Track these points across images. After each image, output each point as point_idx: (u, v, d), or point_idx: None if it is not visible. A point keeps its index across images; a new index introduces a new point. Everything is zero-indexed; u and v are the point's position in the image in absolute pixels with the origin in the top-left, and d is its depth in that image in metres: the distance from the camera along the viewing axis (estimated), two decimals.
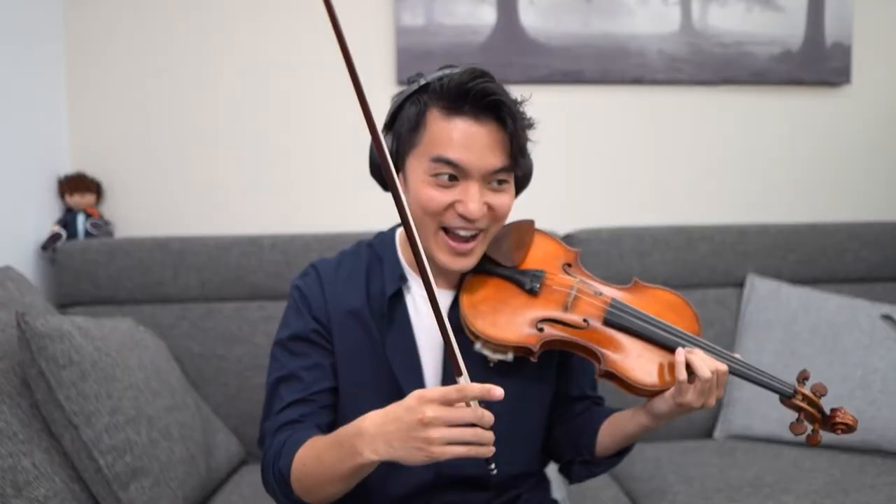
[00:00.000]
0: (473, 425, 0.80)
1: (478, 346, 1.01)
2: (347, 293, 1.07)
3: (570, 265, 1.09)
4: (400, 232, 1.11)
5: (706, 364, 0.93)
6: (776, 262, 1.93)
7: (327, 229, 1.88)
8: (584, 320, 1.02)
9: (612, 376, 0.99)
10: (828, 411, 1.02)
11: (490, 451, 0.82)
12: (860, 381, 1.66)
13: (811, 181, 2.13)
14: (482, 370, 1.03)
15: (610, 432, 1.05)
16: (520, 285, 1.04)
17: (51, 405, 1.14)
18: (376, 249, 1.11)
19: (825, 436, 1.04)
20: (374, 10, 1.96)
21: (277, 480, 0.96)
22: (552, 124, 2.03)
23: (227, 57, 1.94)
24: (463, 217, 0.96)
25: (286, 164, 1.97)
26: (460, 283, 1.06)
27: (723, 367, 0.95)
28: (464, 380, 0.83)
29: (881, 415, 1.62)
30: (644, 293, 1.08)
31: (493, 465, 0.85)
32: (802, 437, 1.03)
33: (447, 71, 0.99)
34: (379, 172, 1.02)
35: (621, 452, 1.08)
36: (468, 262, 1.01)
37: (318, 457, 0.91)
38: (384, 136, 1.01)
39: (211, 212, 1.97)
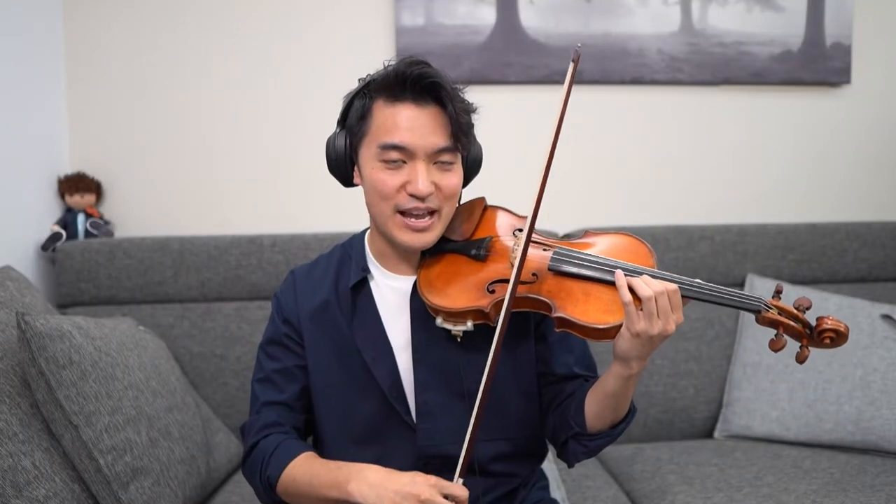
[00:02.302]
0: None
1: (439, 320, 1.04)
2: (317, 291, 1.15)
3: (520, 230, 1.10)
4: (369, 233, 1.16)
5: (649, 285, 0.92)
6: (776, 262, 1.93)
7: (327, 229, 1.88)
8: (533, 274, 1.03)
9: (567, 322, 0.97)
10: (813, 322, 0.96)
11: None
12: (860, 381, 1.66)
13: (811, 181, 2.13)
14: (449, 346, 1.07)
15: (595, 397, 1.04)
16: (468, 254, 1.08)
17: (51, 405, 1.14)
18: (347, 249, 1.18)
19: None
20: (374, 10, 1.96)
21: (263, 484, 1.07)
22: (551, 124, 2.03)
23: (226, 57, 1.94)
24: (414, 196, 1.01)
25: (286, 165, 1.97)
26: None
27: (671, 286, 0.93)
28: (460, 482, 0.95)
29: (881, 415, 1.62)
30: (595, 240, 1.09)
31: None
32: (784, 352, 0.98)
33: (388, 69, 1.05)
34: (337, 170, 1.09)
35: (616, 426, 1.06)
36: (427, 238, 1.05)
37: (311, 476, 1.02)
38: (338, 134, 1.08)
39: (211, 212, 1.97)
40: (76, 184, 1.85)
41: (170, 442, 1.32)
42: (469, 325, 1.03)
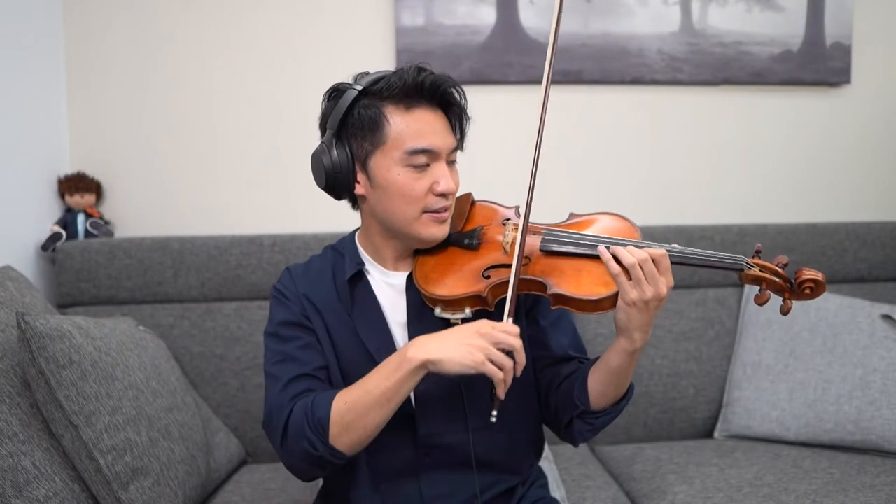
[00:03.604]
0: (510, 355, 0.95)
1: (437, 310, 1.07)
2: (317, 287, 1.16)
3: (508, 219, 1.15)
4: (358, 233, 1.20)
5: (632, 253, 0.96)
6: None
7: (327, 229, 1.88)
8: (525, 257, 1.06)
9: (563, 298, 1.02)
10: (792, 277, 1.02)
11: (506, 382, 0.95)
12: (860, 381, 1.66)
13: (811, 181, 2.13)
14: None
15: (598, 376, 1.07)
16: (461, 245, 1.12)
17: (51, 405, 1.14)
18: (339, 249, 1.20)
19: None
20: (374, 10, 1.96)
21: (316, 431, 1.00)
22: (551, 124, 2.03)
23: (226, 57, 1.94)
24: (441, 195, 1.06)
25: (286, 165, 1.97)
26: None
27: (656, 251, 0.97)
28: (510, 321, 0.99)
29: (881, 415, 1.62)
30: (580, 220, 1.15)
31: (494, 413, 0.97)
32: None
33: (377, 74, 1.07)
34: (337, 182, 1.09)
35: (619, 401, 1.08)
36: (447, 228, 1.11)
37: (362, 386, 1.00)
38: (334, 146, 1.08)
39: (211, 212, 1.97)
40: (76, 184, 1.85)
41: (170, 442, 1.32)
42: (467, 312, 1.06)
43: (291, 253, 1.80)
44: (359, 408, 0.98)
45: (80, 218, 1.85)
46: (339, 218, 1.92)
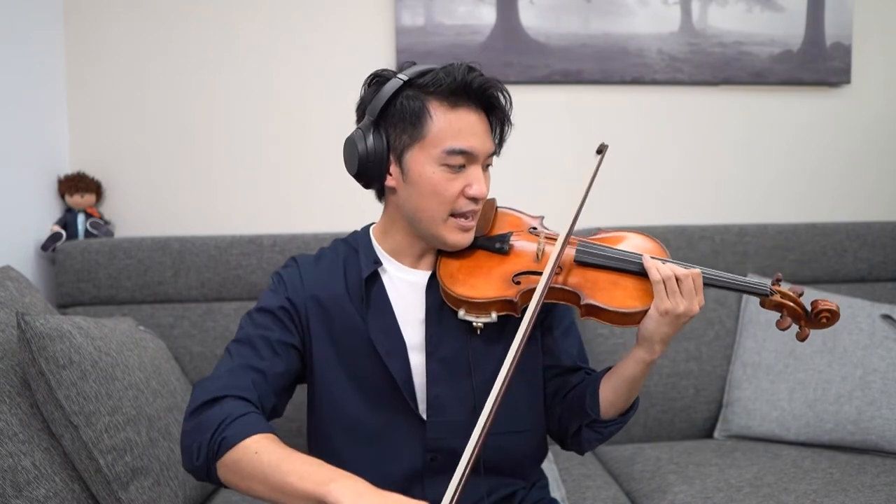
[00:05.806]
0: None
1: (461, 312, 1.05)
2: (327, 282, 1.12)
3: (535, 228, 1.16)
4: (374, 227, 1.17)
5: (673, 269, 1.00)
6: (776, 262, 1.93)
7: (327, 229, 1.88)
8: (559, 267, 1.06)
9: (595, 309, 1.03)
10: (809, 305, 1.06)
11: None
12: (860, 381, 1.66)
13: (811, 181, 2.13)
14: (462, 339, 1.09)
15: (611, 384, 1.08)
16: (490, 249, 1.11)
17: (51, 405, 1.14)
18: (352, 243, 1.17)
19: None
20: (374, 10, 1.96)
21: (210, 446, 0.93)
22: (552, 124, 2.03)
23: (226, 57, 1.94)
24: (472, 199, 1.05)
25: (286, 165, 1.97)
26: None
27: (695, 270, 1.01)
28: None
29: (881, 415, 1.62)
30: (609, 236, 1.16)
31: None
32: (789, 333, 1.09)
33: (424, 67, 1.05)
34: (369, 170, 1.06)
35: (626, 411, 1.10)
36: (472, 236, 1.10)
37: (280, 458, 0.88)
38: (371, 133, 1.05)
39: (211, 212, 1.97)
40: (76, 184, 1.85)
41: (170, 442, 1.32)
42: (493, 316, 1.05)
43: (291, 253, 1.79)
44: (258, 469, 0.88)
45: (80, 218, 1.85)
46: (338, 218, 1.93)
